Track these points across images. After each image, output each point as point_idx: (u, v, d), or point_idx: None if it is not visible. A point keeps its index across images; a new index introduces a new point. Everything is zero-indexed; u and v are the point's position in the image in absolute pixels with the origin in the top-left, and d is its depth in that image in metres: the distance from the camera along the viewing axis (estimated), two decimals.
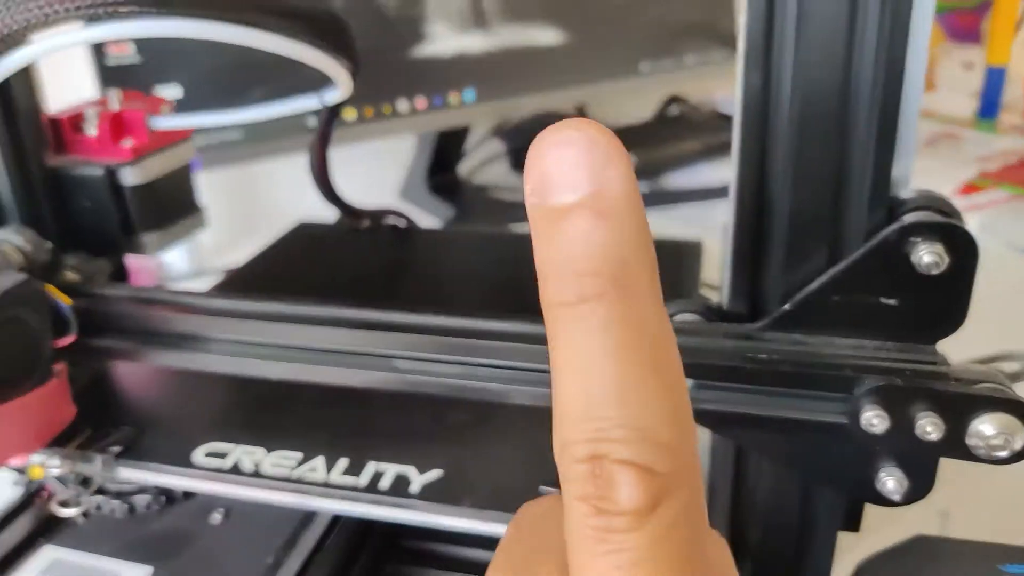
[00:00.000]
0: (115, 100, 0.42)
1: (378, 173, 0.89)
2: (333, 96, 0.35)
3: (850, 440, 0.29)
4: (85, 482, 0.39)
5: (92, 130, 0.41)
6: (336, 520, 0.36)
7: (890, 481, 0.29)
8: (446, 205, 0.87)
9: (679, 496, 0.16)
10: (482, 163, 1.01)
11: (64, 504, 0.39)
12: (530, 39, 0.85)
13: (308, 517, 0.37)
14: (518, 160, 1.00)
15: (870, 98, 0.28)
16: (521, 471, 0.35)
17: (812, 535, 0.34)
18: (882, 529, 0.34)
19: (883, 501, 0.30)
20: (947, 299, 0.28)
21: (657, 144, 1.01)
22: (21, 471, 0.43)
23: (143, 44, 0.63)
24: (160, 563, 0.38)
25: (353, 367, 0.33)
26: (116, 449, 0.37)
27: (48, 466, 0.37)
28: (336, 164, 0.45)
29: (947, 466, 0.29)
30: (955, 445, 0.27)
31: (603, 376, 0.16)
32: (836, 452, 0.30)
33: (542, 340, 0.30)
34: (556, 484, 0.33)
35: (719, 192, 0.91)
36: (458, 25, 0.79)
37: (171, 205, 0.44)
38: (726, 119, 1.10)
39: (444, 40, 0.79)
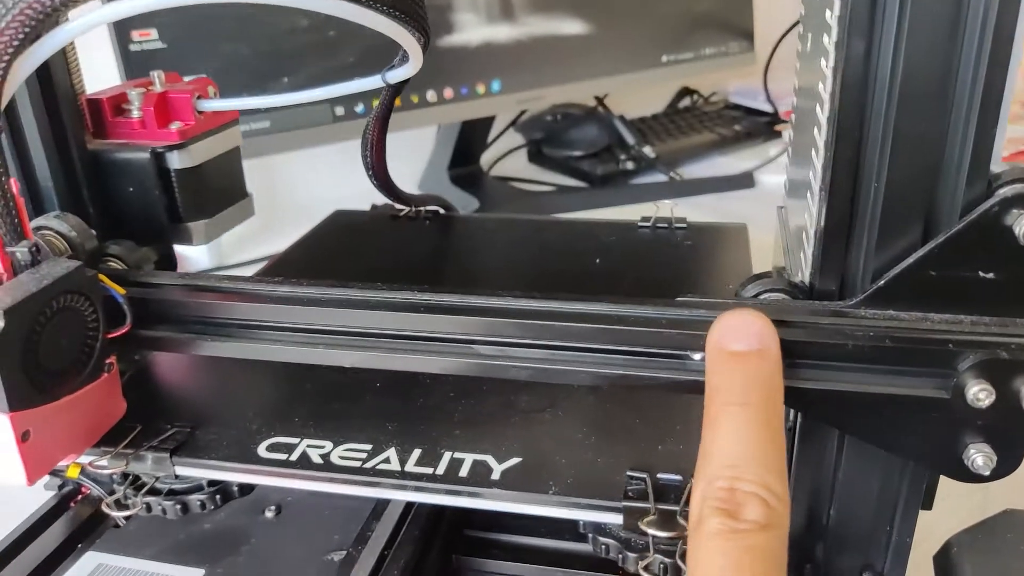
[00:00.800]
0: (158, 82, 0.40)
1: (392, 165, 0.88)
2: (401, 73, 0.34)
3: (948, 415, 0.28)
4: (135, 482, 0.37)
5: (136, 112, 0.39)
6: (406, 513, 0.35)
7: (979, 457, 0.29)
8: (468, 196, 0.86)
9: (781, 530, 0.25)
10: (502, 155, 1.00)
11: (110, 507, 0.37)
12: (556, 30, 0.84)
13: (376, 510, 0.35)
14: (538, 151, 0.99)
15: (976, 67, 0.27)
16: (604, 455, 0.34)
17: (893, 513, 0.33)
18: None
19: (972, 477, 0.29)
20: None
21: (673, 135, 1.01)
22: (55, 472, 0.41)
23: (168, 29, 0.61)
24: (213, 564, 0.37)
25: (431, 353, 0.31)
26: (170, 446, 0.35)
27: (97, 467, 0.36)
28: (348, 157, 0.43)
29: None
30: None
31: (747, 444, 0.26)
32: (926, 429, 0.29)
33: (626, 321, 0.30)
34: (641, 468, 0.33)
35: (735, 182, 0.91)
36: (485, 15, 0.78)
37: (219, 191, 0.42)
38: (738, 110, 1.10)
39: (472, 30, 0.78)
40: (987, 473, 0.29)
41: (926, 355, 0.28)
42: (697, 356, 0.30)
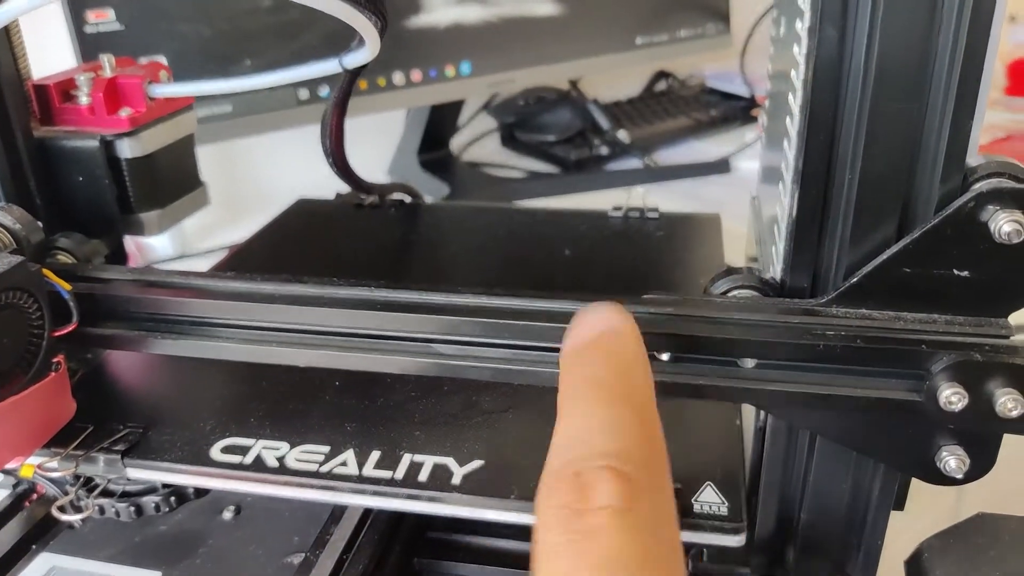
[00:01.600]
0: (108, 66, 0.38)
1: (360, 150, 0.87)
2: (358, 58, 0.33)
3: (920, 418, 0.28)
4: (87, 484, 0.36)
5: (84, 98, 0.37)
6: (366, 516, 0.34)
7: (952, 460, 0.29)
8: (439, 182, 0.85)
9: (649, 499, 0.19)
10: (473, 139, 0.99)
11: (62, 509, 0.36)
12: (528, 10, 0.82)
13: (335, 514, 0.34)
14: (510, 135, 0.98)
15: (952, 55, 0.26)
16: None
17: (864, 516, 0.33)
18: None
19: (944, 480, 0.29)
20: (1023, 269, 0.27)
21: (648, 120, 1.00)
22: (8, 472, 0.40)
23: (125, 9, 0.59)
24: (169, 567, 0.36)
25: (389, 352, 0.30)
26: (121, 447, 0.34)
27: (46, 468, 0.34)
28: (314, 141, 0.42)
29: None
30: None
31: (593, 417, 0.21)
32: (898, 432, 0.29)
33: None
34: None
35: (711, 168, 0.90)
36: None
37: (172, 180, 0.40)
38: (714, 94, 1.09)
39: (440, 10, 0.76)
40: (960, 476, 0.29)
41: (898, 356, 0.28)
42: (664, 356, 0.29)
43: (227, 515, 0.38)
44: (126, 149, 0.38)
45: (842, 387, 0.28)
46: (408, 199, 0.55)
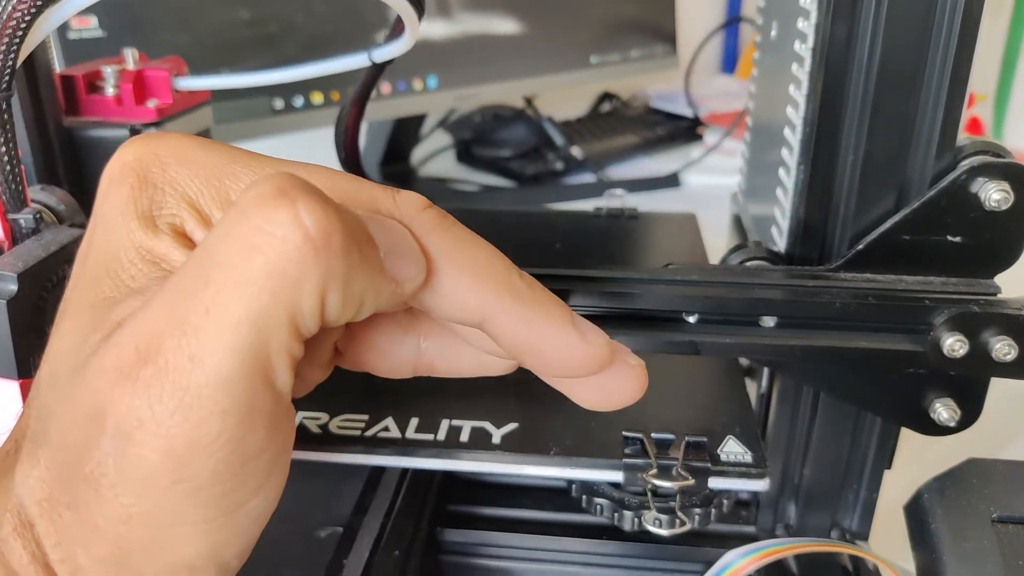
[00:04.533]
0: (131, 59, 0.39)
1: (320, 161, 0.88)
2: (390, 50, 0.35)
3: (922, 369, 0.30)
4: None
5: (111, 89, 0.38)
6: (400, 484, 0.35)
7: (944, 411, 0.31)
8: None
9: None
10: (430, 155, 1.01)
11: None
12: (491, 28, 0.85)
13: (372, 479, 0.35)
14: (466, 151, 1.00)
15: (945, 51, 0.29)
16: (597, 419, 0.35)
17: (861, 471, 0.36)
18: None
19: (938, 431, 0.32)
20: (1009, 234, 0.30)
21: (598, 137, 1.03)
22: None
23: (107, 18, 0.60)
24: None
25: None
26: None
27: None
28: (285, 151, 0.43)
29: None
30: None
31: None
32: (899, 385, 0.31)
33: (626, 284, 0.31)
34: (636, 430, 0.34)
35: (662, 182, 0.94)
36: None
37: None
38: (658, 115, 1.13)
39: None
40: (952, 424, 0.31)
41: (905, 311, 0.30)
42: (692, 318, 0.31)
43: None
44: None
45: (855, 342, 0.30)
46: None
